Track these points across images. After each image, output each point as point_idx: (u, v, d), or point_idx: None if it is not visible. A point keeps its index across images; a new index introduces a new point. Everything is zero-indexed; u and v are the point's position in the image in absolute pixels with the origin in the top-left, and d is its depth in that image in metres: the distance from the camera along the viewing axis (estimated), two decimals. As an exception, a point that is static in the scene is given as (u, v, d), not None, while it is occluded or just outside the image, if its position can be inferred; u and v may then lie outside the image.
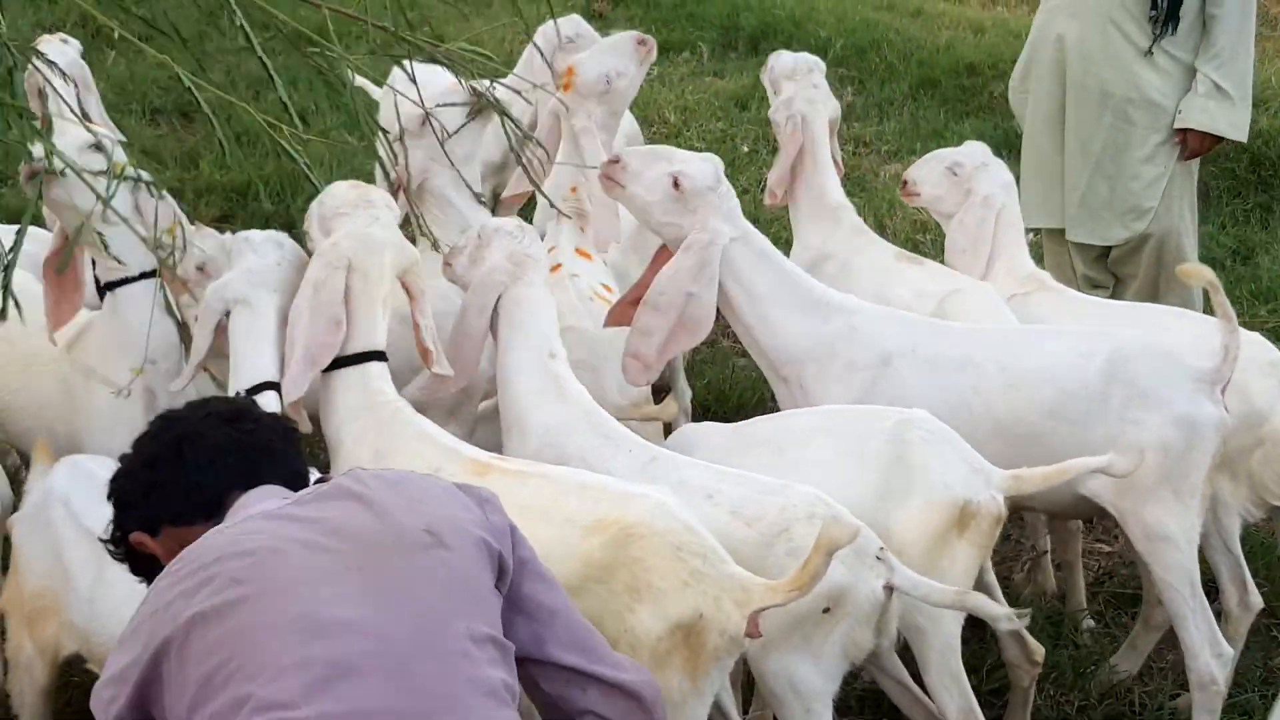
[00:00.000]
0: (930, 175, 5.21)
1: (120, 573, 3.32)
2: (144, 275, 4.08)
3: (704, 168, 4.29)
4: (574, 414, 3.88)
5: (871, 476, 3.77)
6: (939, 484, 3.74)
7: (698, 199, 4.25)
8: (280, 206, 7.90)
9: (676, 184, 4.24)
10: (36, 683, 3.75)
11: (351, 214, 3.96)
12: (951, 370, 4.23)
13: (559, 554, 3.24)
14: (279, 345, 3.86)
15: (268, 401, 3.72)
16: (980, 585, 3.91)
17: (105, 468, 3.63)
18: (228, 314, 3.90)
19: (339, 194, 4.06)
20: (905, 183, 5.30)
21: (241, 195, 7.87)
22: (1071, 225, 6.05)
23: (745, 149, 8.84)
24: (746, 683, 4.09)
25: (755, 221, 7.51)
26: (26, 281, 4.23)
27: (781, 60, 5.47)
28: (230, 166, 8.04)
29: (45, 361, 4.26)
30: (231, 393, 3.79)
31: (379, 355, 3.83)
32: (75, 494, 3.66)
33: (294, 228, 7.60)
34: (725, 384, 6.23)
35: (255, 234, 4.06)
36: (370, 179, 7.99)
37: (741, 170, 8.43)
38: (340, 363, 3.80)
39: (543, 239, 4.61)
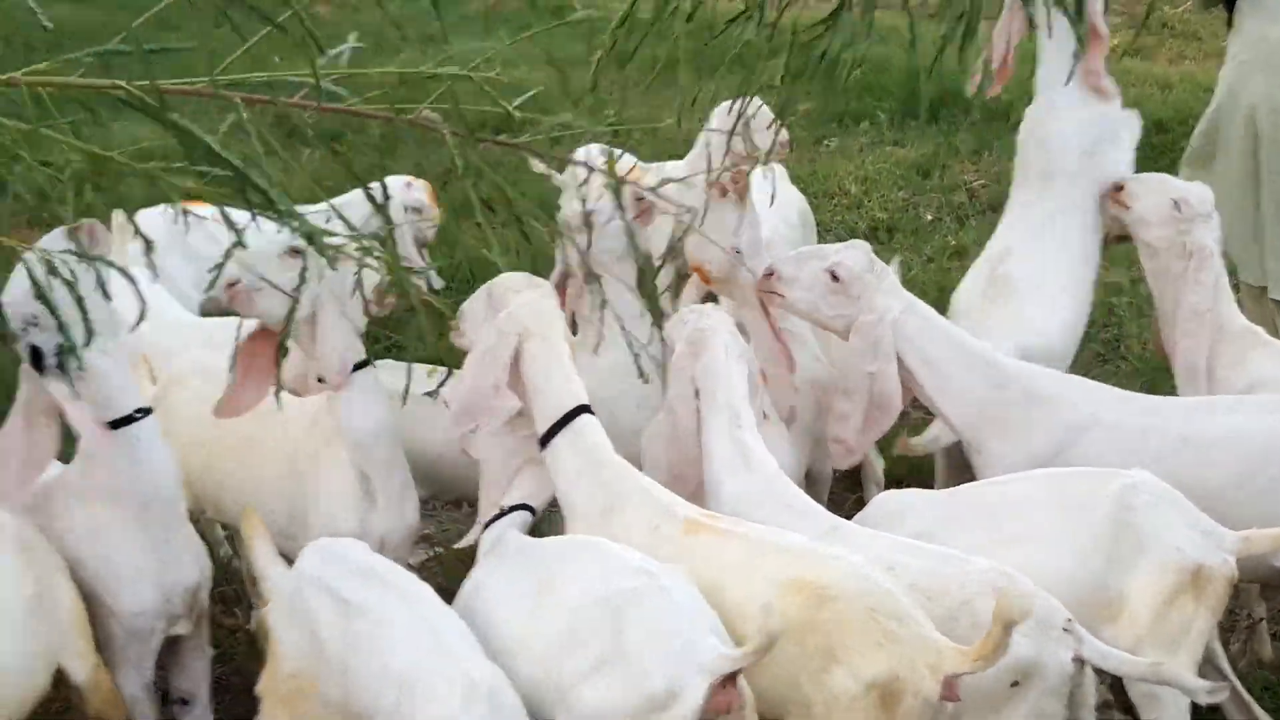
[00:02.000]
0: (1151, 198, 4.99)
1: (371, 643, 3.57)
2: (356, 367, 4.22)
3: (855, 255, 4.41)
4: (758, 483, 3.98)
5: (1099, 543, 3.75)
6: (1170, 548, 3.70)
7: (858, 285, 4.34)
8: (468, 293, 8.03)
9: (835, 277, 4.33)
10: None
11: (524, 291, 4.09)
12: (1135, 438, 4.16)
13: (754, 613, 3.30)
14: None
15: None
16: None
17: (353, 545, 3.89)
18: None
19: (509, 279, 4.21)
20: (1121, 188, 5.10)
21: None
22: (1274, 283, 5.87)
23: (929, 217, 8.77)
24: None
25: (941, 291, 7.55)
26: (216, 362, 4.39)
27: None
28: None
29: (265, 443, 4.41)
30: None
31: (584, 409, 3.97)
32: (328, 575, 3.76)
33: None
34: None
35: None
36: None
37: (925, 239, 8.37)
38: (553, 431, 3.98)
39: None
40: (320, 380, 4.26)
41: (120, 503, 3.96)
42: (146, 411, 3.98)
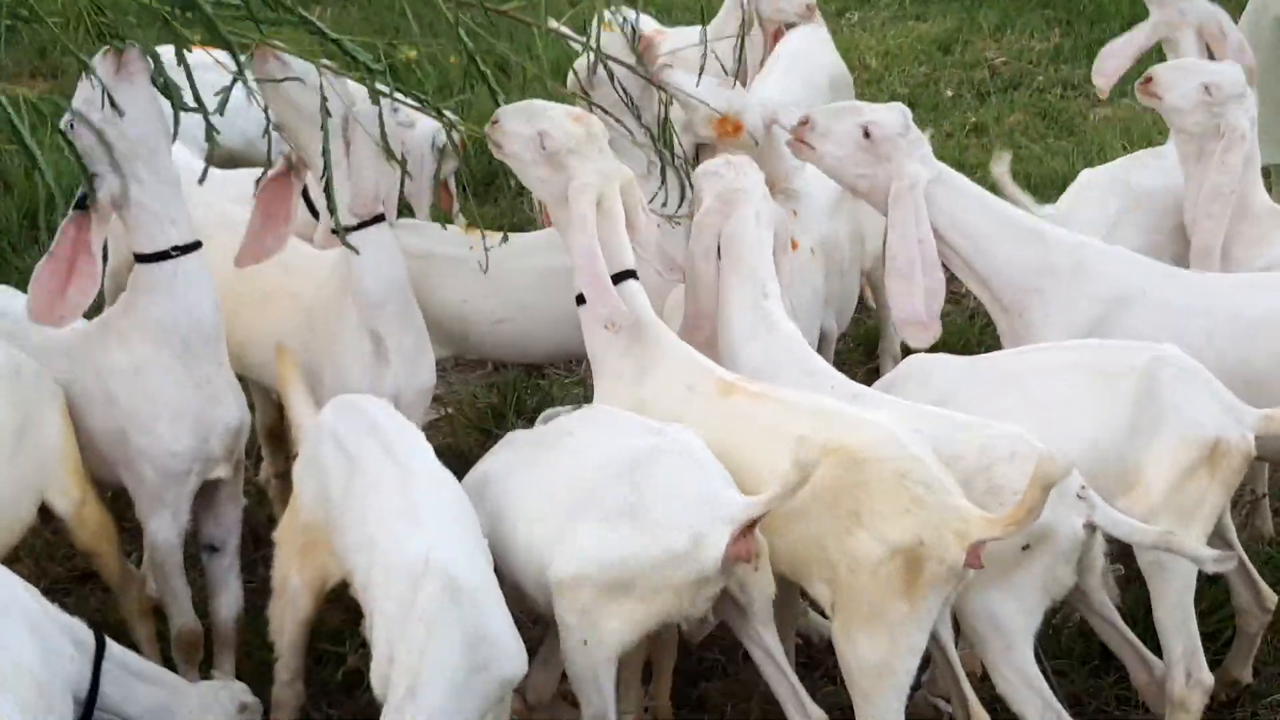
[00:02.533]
0: (1181, 85, 4.81)
1: (361, 504, 3.57)
2: (365, 224, 4.13)
3: (892, 115, 4.30)
4: (781, 349, 3.95)
5: (1121, 414, 3.72)
6: (1191, 421, 3.68)
7: (889, 146, 4.25)
8: (481, 157, 7.98)
9: (867, 134, 4.24)
10: (299, 613, 3.86)
11: (583, 151, 3.95)
12: (1183, 315, 4.15)
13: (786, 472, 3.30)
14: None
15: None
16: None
17: (371, 402, 3.87)
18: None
19: (567, 130, 4.00)
20: (1149, 79, 4.95)
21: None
22: None
23: (949, 94, 8.68)
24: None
25: (960, 167, 7.45)
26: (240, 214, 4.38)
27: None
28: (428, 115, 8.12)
29: (283, 296, 4.37)
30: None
31: (631, 274, 3.96)
32: (342, 429, 3.76)
33: (494, 180, 7.79)
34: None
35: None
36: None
37: (945, 115, 8.28)
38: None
39: None
40: (337, 232, 4.18)
41: (161, 339, 3.90)
42: (189, 248, 3.92)
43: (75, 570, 4.57)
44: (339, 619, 4.46)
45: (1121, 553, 4.00)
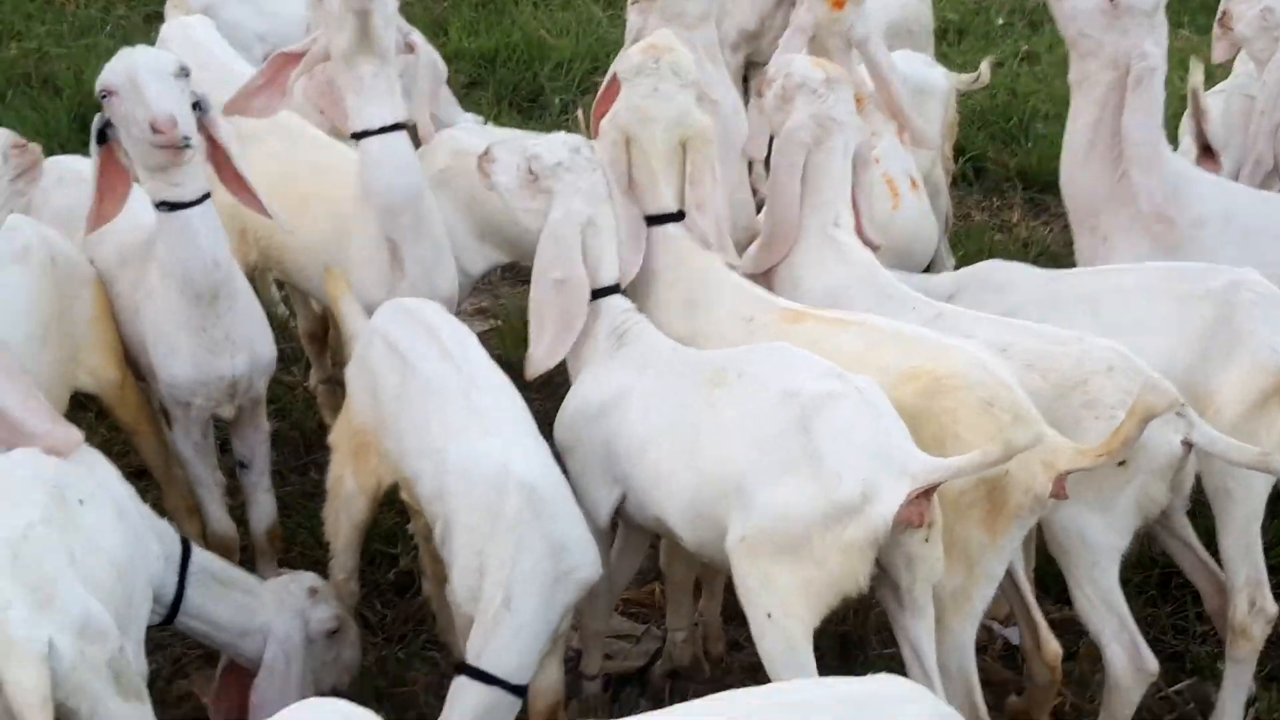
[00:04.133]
0: (1245, 14, 4.94)
1: (422, 410, 3.54)
2: (385, 129, 4.02)
3: None
4: (855, 275, 3.85)
5: (1196, 336, 3.65)
6: (1265, 347, 3.59)
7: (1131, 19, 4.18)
8: (526, 74, 7.95)
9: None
10: (355, 515, 3.86)
11: (634, 81, 3.85)
12: (1267, 240, 4.10)
13: None
14: None
15: (617, 302, 3.76)
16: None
17: (429, 309, 3.82)
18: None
19: (630, 54, 3.93)
20: (1224, 14, 5.04)
21: (489, 63, 7.91)
22: None
23: (1000, 21, 8.58)
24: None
25: (1011, 95, 7.41)
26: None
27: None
28: (480, 33, 8.10)
29: (317, 201, 4.33)
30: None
31: (676, 217, 3.84)
32: (394, 332, 3.74)
33: (538, 96, 7.76)
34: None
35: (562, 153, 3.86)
36: (610, 48, 8.07)
37: (995, 43, 8.19)
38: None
39: None
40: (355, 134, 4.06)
41: (167, 280, 3.88)
42: (199, 200, 3.79)
43: (128, 467, 4.56)
44: (391, 521, 4.49)
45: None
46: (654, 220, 3.84)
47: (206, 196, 3.79)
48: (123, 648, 3.04)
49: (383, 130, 4.00)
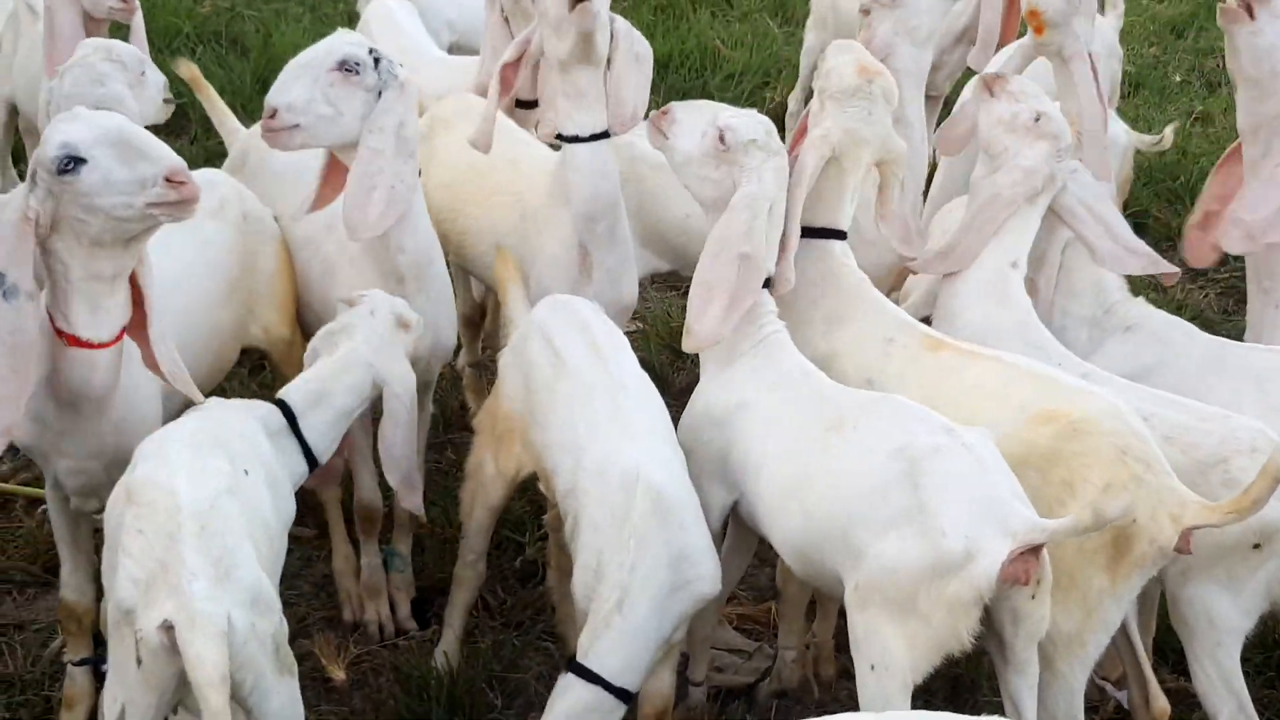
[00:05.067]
0: None
1: (568, 405, 3.62)
2: (594, 137, 4.11)
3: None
4: (1011, 320, 3.86)
5: None
6: None
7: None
8: (696, 82, 8.02)
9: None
10: (490, 499, 3.96)
11: (845, 103, 3.87)
12: None
13: (1001, 435, 3.28)
14: None
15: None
16: None
17: (585, 304, 3.90)
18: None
19: (842, 75, 3.93)
20: None
21: (662, 68, 7.98)
22: None
23: (1177, 78, 8.48)
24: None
25: (1182, 155, 7.33)
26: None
27: None
28: (655, 38, 8.18)
29: (507, 194, 4.42)
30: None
31: (840, 234, 3.88)
32: (553, 328, 3.82)
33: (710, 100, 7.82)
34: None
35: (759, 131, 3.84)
36: (781, 64, 8.12)
37: (1171, 100, 8.10)
38: (804, 234, 3.84)
39: None
40: (563, 137, 4.16)
41: (366, 253, 3.97)
42: None
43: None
44: (521, 508, 4.59)
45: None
46: (814, 233, 3.87)
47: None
48: (282, 621, 3.11)
49: (592, 138, 4.08)
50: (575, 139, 4.10)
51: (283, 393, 3.64)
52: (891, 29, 4.49)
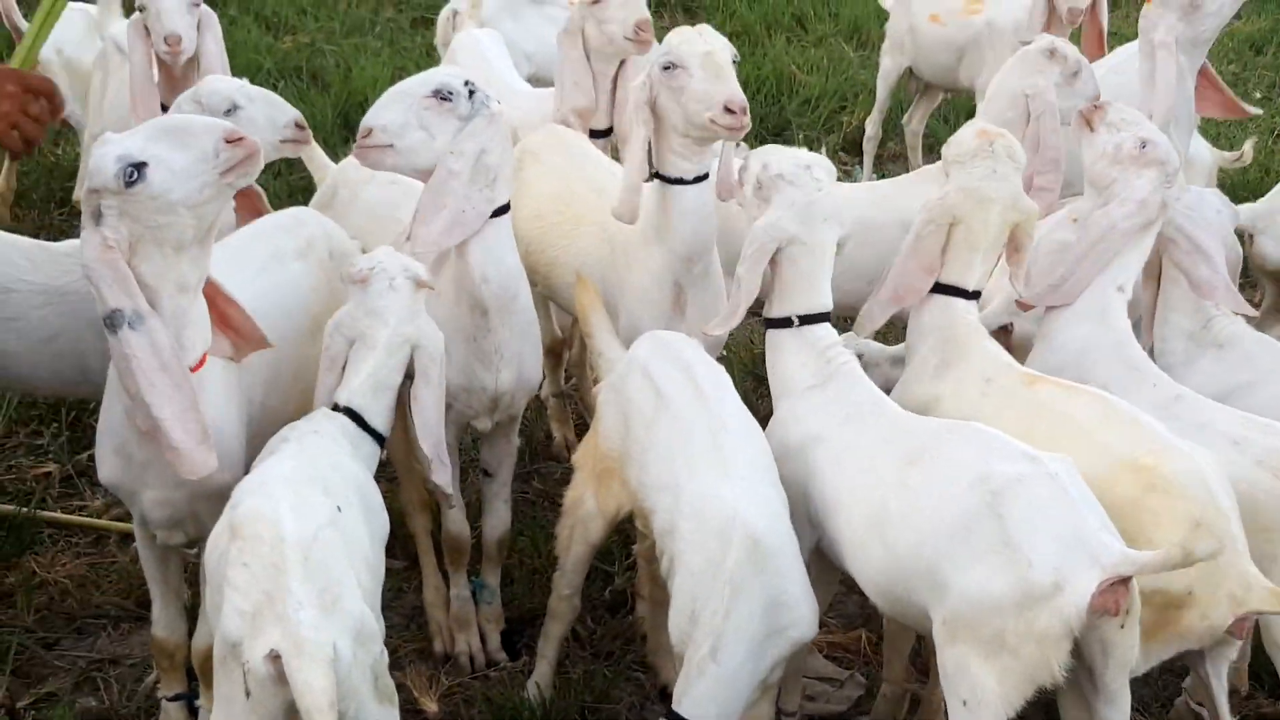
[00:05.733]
0: None
1: (668, 445, 3.61)
2: (698, 179, 4.10)
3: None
4: (1109, 340, 3.86)
5: None
6: None
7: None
8: (774, 107, 8.03)
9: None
10: (590, 535, 3.97)
11: (968, 164, 3.89)
12: None
13: (1081, 472, 3.23)
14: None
15: (823, 333, 3.81)
16: None
17: (686, 343, 3.88)
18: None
19: (963, 140, 3.97)
20: None
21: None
22: None
23: (1258, 95, 8.40)
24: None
25: (1264, 172, 7.26)
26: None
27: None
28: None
29: (592, 224, 4.42)
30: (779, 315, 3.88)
31: (968, 294, 3.88)
32: (653, 365, 3.81)
33: (784, 131, 7.84)
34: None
35: (774, 159, 3.90)
36: (858, 88, 8.12)
37: (1252, 117, 8.02)
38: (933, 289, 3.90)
39: None
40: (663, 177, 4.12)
41: (459, 292, 3.95)
42: (503, 210, 3.92)
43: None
44: (610, 539, 4.58)
45: None
46: (942, 289, 3.89)
47: (496, 213, 3.90)
48: (383, 651, 3.13)
49: (696, 180, 4.09)
50: (680, 181, 4.10)
51: (345, 397, 3.63)
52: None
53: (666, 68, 4.00)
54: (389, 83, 4.39)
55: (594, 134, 4.93)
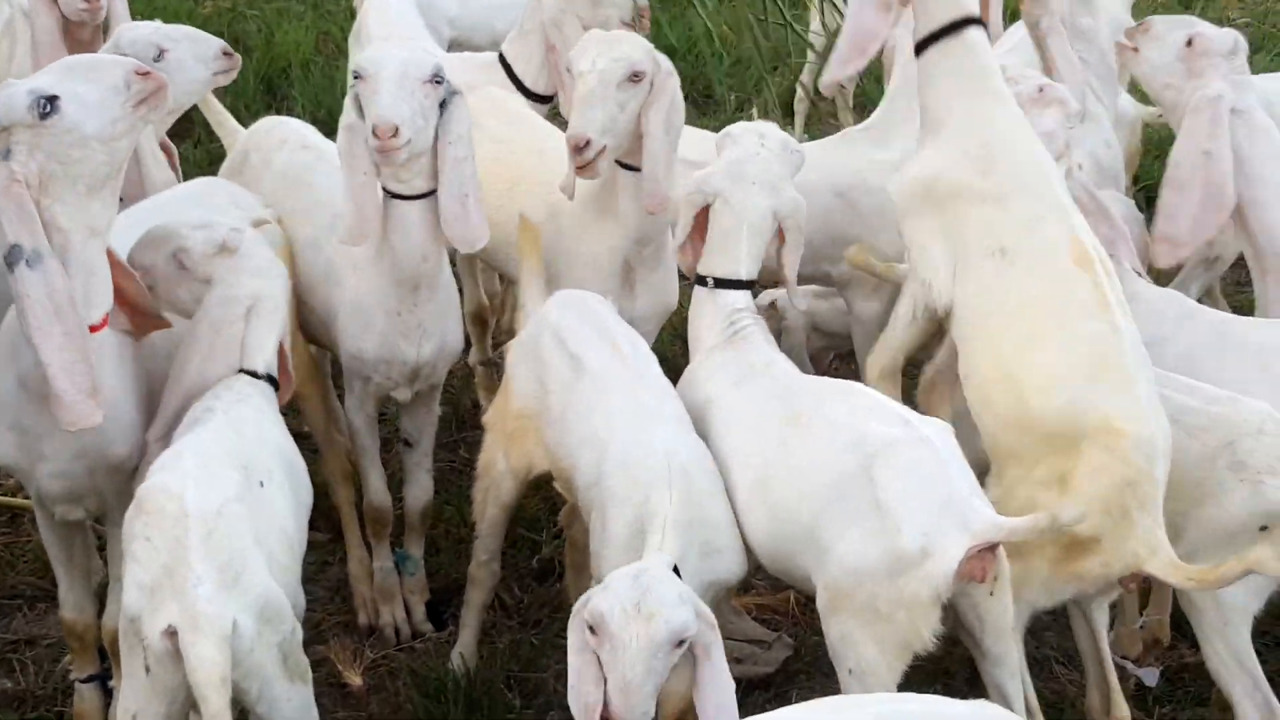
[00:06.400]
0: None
1: (588, 401, 3.58)
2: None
3: (1222, 35, 4.25)
4: None
5: None
6: None
7: (1206, 61, 4.19)
8: (703, 69, 7.99)
9: (1190, 43, 4.22)
10: (503, 496, 3.93)
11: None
12: None
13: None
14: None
15: (735, 299, 3.79)
16: None
17: (598, 302, 3.85)
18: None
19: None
20: None
21: (669, 55, 7.88)
22: None
23: (1187, 49, 8.40)
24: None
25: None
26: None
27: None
28: (661, 25, 8.13)
29: (532, 183, 4.33)
30: (701, 273, 3.86)
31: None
32: (567, 327, 3.78)
33: (713, 93, 7.79)
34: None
35: (735, 127, 3.96)
36: (789, 48, 8.06)
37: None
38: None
39: None
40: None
41: (381, 259, 3.91)
42: (421, 196, 3.83)
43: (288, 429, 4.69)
44: (536, 506, 4.56)
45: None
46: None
47: (430, 194, 3.83)
48: (294, 629, 3.09)
49: None
50: (631, 167, 4.02)
51: (263, 363, 3.56)
52: None
53: None
54: (312, 48, 4.26)
55: (530, 95, 4.89)
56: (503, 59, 4.98)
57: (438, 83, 3.76)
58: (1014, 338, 3.47)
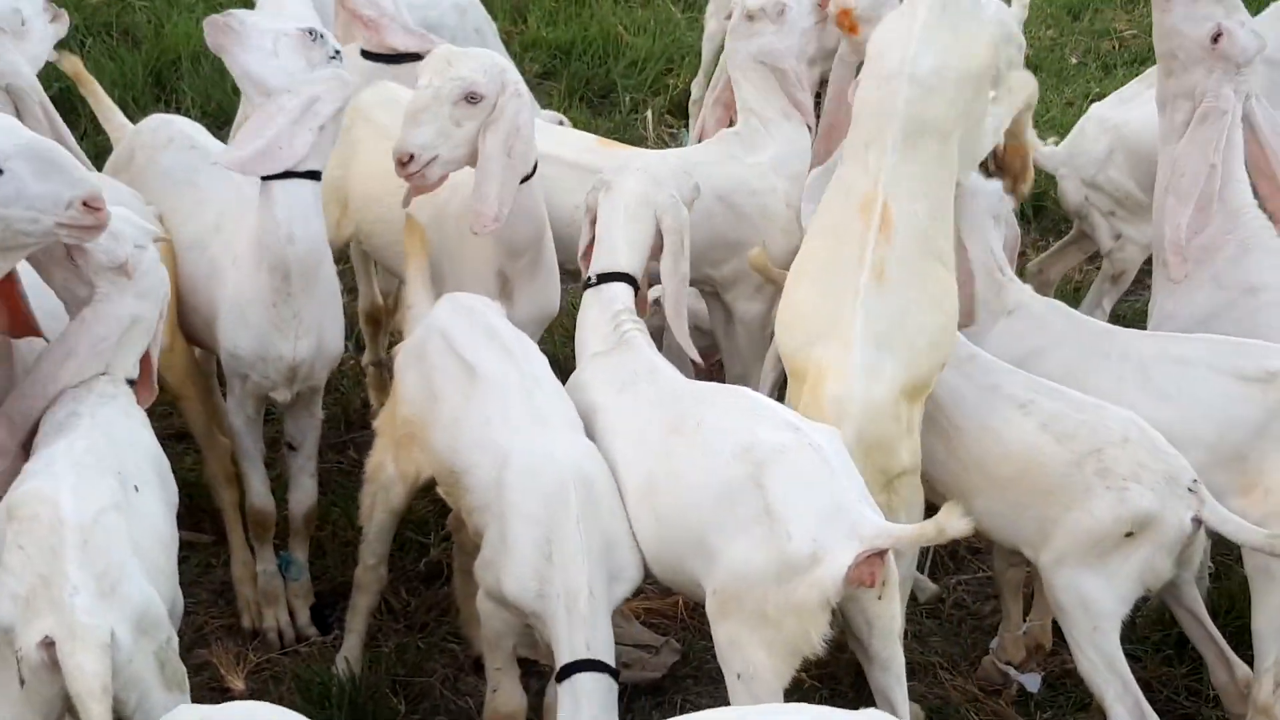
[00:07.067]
0: None
1: (482, 406, 3.56)
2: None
3: (1245, 34, 4.09)
4: None
5: (1250, 416, 3.66)
6: None
7: (1225, 64, 4.09)
8: (600, 69, 7.97)
9: (1216, 39, 4.07)
10: (391, 501, 3.91)
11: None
12: None
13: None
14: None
15: (616, 294, 3.80)
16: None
17: (487, 306, 3.84)
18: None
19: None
20: None
21: (565, 54, 7.92)
22: None
23: (1074, 61, 8.54)
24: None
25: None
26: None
27: None
28: (558, 24, 8.12)
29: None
30: (586, 275, 3.90)
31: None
32: (455, 331, 3.75)
33: (610, 93, 7.78)
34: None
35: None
36: (685, 50, 8.08)
37: (1068, 82, 8.15)
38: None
39: None
40: None
41: (256, 253, 3.87)
42: (313, 175, 3.82)
43: (170, 429, 4.62)
44: (425, 509, 4.53)
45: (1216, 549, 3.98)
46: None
47: (306, 175, 3.80)
48: (170, 638, 3.05)
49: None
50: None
51: (131, 369, 3.52)
52: (771, 41, 4.57)
53: None
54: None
55: (366, 55, 4.81)
56: None
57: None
58: (795, 266, 3.71)
